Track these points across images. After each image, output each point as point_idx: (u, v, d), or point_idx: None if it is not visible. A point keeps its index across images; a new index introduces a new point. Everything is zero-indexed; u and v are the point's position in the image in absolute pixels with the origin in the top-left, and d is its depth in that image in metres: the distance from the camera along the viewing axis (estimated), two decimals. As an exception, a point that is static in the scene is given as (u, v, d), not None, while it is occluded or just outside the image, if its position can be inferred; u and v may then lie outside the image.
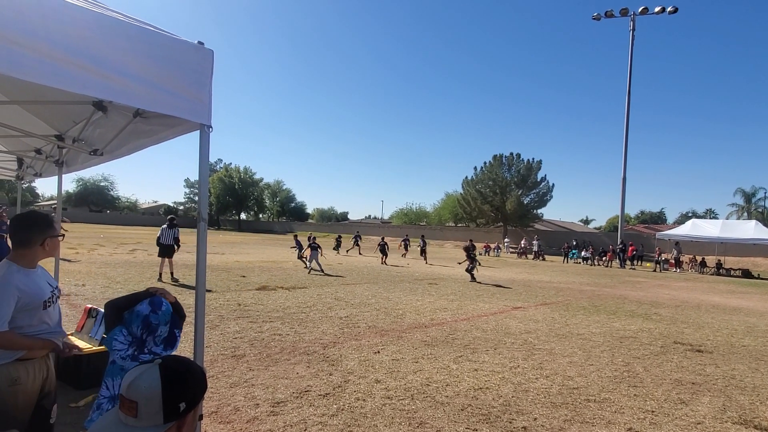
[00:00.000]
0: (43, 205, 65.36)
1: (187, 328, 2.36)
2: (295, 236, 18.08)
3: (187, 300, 8.23)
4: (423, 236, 24.18)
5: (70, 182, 71.51)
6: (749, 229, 23.96)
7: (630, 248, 27.20)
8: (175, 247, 11.51)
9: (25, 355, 2.18)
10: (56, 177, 4.65)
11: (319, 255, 14.83)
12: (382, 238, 21.93)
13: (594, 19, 31.38)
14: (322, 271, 14.33)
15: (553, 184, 41.51)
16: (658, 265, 25.05)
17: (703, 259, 25.69)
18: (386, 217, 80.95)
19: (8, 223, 10.29)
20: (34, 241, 2.21)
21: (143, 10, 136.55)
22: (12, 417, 2.15)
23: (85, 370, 3.92)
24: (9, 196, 58.94)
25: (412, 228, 49.90)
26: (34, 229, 2.22)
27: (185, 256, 17.60)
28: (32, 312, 2.17)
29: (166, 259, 11.33)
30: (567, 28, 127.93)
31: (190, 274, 12.00)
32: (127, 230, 42.59)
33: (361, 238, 27.72)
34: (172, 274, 11.28)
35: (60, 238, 2.38)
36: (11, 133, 3.69)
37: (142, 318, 2.11)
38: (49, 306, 2.26)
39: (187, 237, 10.43)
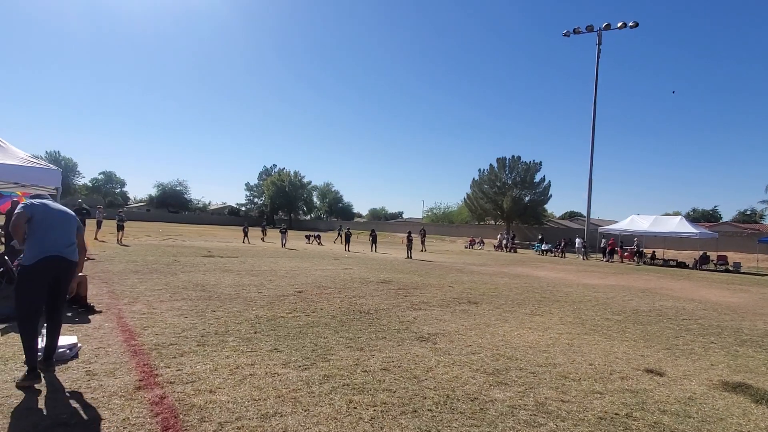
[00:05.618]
0: (132, 206, 79.07)
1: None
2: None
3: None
4: (414, 231, 28.21)
5: (152, 187, 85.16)
6: (673, 224, 26.24)
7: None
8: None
9: None
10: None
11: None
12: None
13: (564, 35, 34.10)
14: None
15: (550, 182, 44.47)
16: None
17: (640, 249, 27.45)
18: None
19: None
20: None
21: (207, 24, 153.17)
22: None
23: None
24: (105, 200, 73.01)
25: (427, 224, 54.44)
26: None
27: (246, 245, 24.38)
28: None
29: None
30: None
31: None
32: (196, 228, 49.03)
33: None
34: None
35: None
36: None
37: None
38: None
39: (234, 233, 15.66)
